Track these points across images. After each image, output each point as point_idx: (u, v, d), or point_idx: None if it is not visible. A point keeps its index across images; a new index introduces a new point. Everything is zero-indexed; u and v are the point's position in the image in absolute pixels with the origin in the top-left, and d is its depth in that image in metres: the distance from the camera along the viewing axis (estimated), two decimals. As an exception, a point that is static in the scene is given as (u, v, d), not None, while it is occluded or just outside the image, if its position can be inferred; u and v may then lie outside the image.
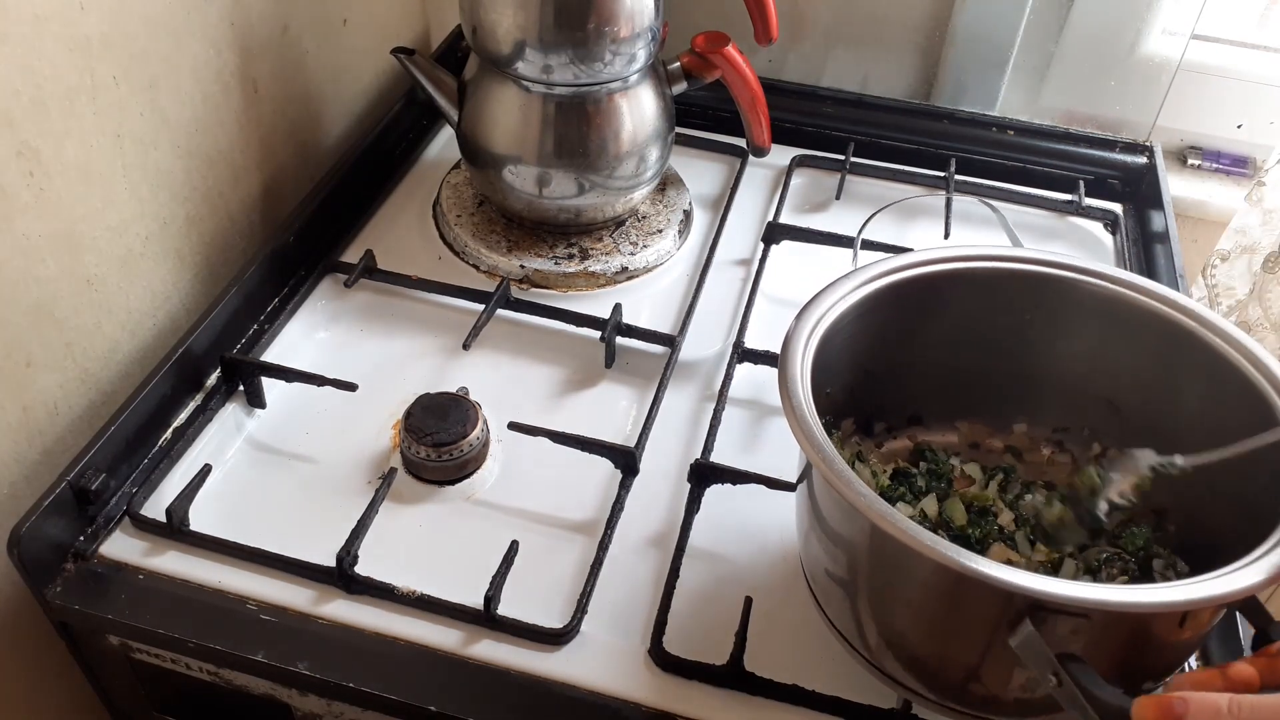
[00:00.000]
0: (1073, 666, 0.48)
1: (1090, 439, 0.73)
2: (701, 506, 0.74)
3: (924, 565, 0.52)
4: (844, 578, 0.60)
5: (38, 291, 0.70)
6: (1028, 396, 0.73)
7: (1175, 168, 1.18)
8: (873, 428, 0.75)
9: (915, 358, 0.71)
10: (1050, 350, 0.70)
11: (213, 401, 0.80)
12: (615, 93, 0.89)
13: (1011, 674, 0.54)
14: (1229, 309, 1.10)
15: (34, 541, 0.66)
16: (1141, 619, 0.52)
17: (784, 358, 0.61)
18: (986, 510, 0.70)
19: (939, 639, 0.57)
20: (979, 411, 0.75)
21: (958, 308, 0.69)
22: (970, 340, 0.71)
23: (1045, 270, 0.68)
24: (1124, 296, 0.67)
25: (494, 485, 0.77)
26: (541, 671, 0.65)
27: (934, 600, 0.55)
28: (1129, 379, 0.69)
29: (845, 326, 0.65)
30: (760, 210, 1.05)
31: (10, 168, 0.66)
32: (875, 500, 0.52)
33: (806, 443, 0.56)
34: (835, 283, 0.66)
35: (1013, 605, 0.50)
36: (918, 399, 0.75)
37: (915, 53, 1.14)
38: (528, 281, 0.93)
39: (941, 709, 0.59)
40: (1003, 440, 0.75)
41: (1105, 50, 1.10)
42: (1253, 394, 0.60)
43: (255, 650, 0.66)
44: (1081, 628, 0.50)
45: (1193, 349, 0.64)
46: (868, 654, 0.60)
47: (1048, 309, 0.69)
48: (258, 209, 0.94)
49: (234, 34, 0.85)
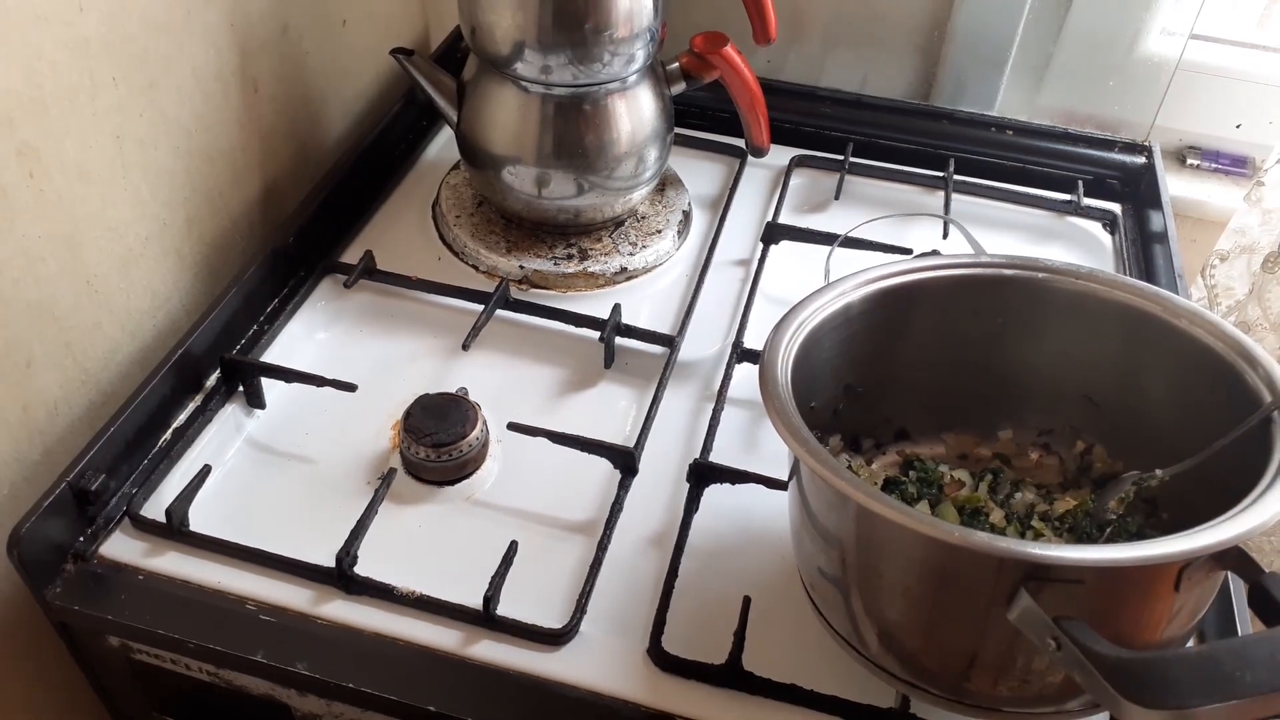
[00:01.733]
0: (1069, 626, 0.48)
1: (1073, 436, 0.74)
2: (700, 506, 0.74)
3: (916, 543, 0.53)
4: (837, 574, 0.60)
5: (38, 291, 0.70)
6: (1009, 402, 0.74)
7: (1174, 168, 1.18)
8: (860, 444, 0.75)
9: (895, 372, 0.72)
10: (1024, 353, 0.71)
11: (212, 402, 0.80)
12: (614, 93, 0.89)
13: (1009, 657, 0.54)
14: (1228, 309, 1.10)
15: (34, 542, 0.66)
16: (1137, 580, 0.52)
17: (765, 357, 0.61)
18: (978, 511, 0.70)
19: (935, 625, 0.57)
20: (964, 421, 0.75)
21: (928, 318, 0.70)
22: (946, 350, 0.72)
23: (1008, 272, 0.69)
24: (1088, 289, 0.68)
25: (493, 486, 0.77)
26: (541, 672, 0.65)
27: (928, 582, 0.55)
28: (1102, 372, 0.70)
29: (824, 338, 0.66)
30: (759, 210, 1.05)
31: (10, 168, 0.66)
32: (860, 484, 0.53)
33: (784, 428, 0.56)
34: (809, 297, 0.66)
35: (1008, 575, 0.50)
36: (903, 414, 0.75)
37: (914, 53, 1.14)
38: (527, 282, 0.93)
39: (941, 701, 0.59)
40: (990, 449, 0.75)
41: (1104, 50, 1.10)
42: (1225, 370, 0.61)
43: (255, 650, 0.66)
44: (1077, 593, 0.50)
45: (1160, 334, 0.65)
46: (865, 652, 0.61)
47: (1015, 311, 0.70)
48: (257, 209, 0.94)
49: (234, 35, 0.85)
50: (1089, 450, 0.73)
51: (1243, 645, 0.47)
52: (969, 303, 0.70)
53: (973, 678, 0.57)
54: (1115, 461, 0.72)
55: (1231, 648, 0.47)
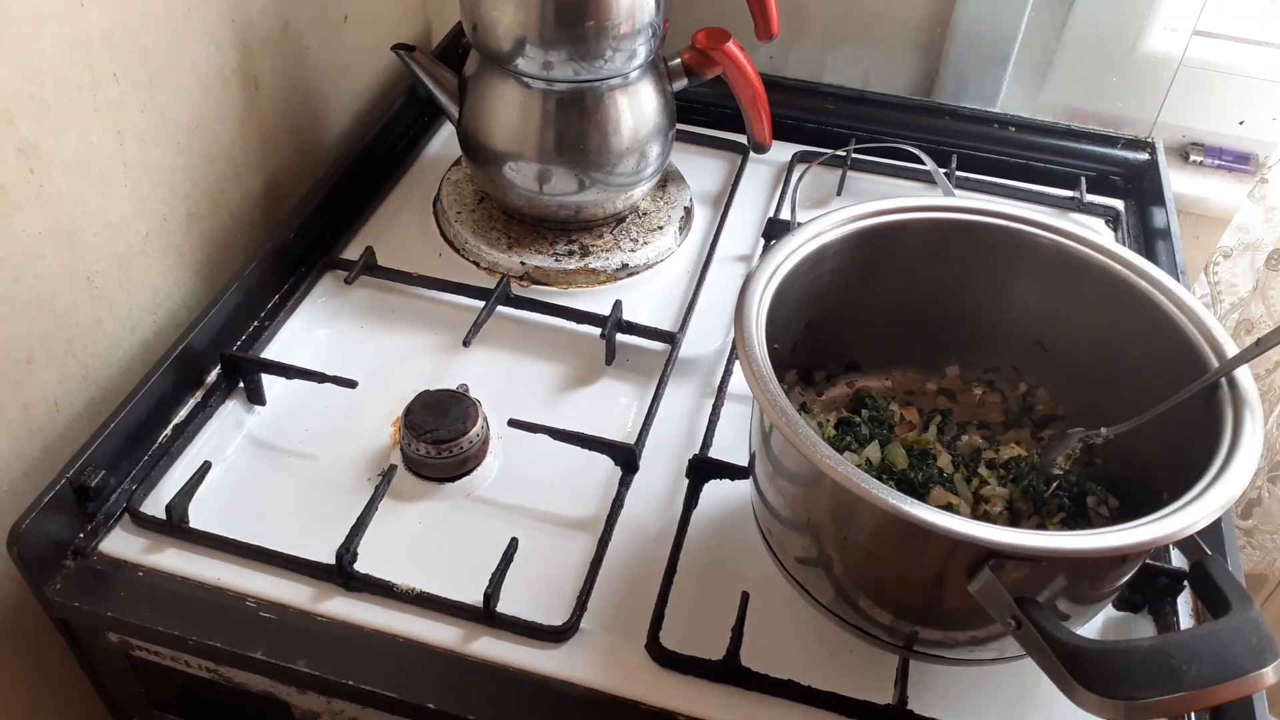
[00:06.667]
0: (1030, 609, 0.51)
1: (1016, 377, 0.76)
2: (700, 502, 0.74)
3: (892, 524, 0.54)
4: (815, 555, 0.62)
5: (38, 288, 0.70)
6: (961, 340, 0.77)
7: (1177, 164, 1.17)
8: (813, 377, 0.77)
9: (856, 309, 0.74)
10: (983, 297, 0.74)
11: (213, 398, 0.80)
12: (616, 89, 0.88)
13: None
14: (1231, 306, 1.10)
15: (34, 538, 0.66)
16: (1095, 560, 0.55)
17: (741, 311, 0.62)
18: (926, 453, 0.72)
19: (910, 588, 0.59)
20: (915, 356, 0.78)
21: (899, 259, 0.72)
22: (910, 290, 0.74)
23: (985, 220, 0.71)
24: (1057, 244, 0.70)
25: (494, 482, 0.77)
26: (541, 668, 0.65)
27: (901, 553, 0.58)
28: (1057, 322, 0.73)
29: (795, 280, 0.67)
30: (761, 207, 1.04)
31: (10, 165, 0.66)
32: (854, 472, 0.54)
33: (767, 404, 0.58)
34: (788, 237, 0.68)
35: (973, 554, 0.53)
36: (856, 346, 0.77)
37: (916, 49, 1.14)
38: (528, 278, 0.93)
39: (939, 649, 0.62)
40: (936, 383, 0.78)
41: (1107, 46, 1.10)
42: (1177, 335, 0.64)
43: (255, 648, 0.66)
44: (1036, 570, 0.53)
45: (1121, 294, 0.67)
46: (856, 619, 0.62)
47: (983, 257, 0.72)
48: (258, 206, 0.94)
49: (234, 31, 0.85)
50: (1032, 391, 0.76)
51: (1191, 639, 0.50)
52: (942, 247, 0.72)
53: (955, 628, 0.60)
54: (1057, 404, 0.75)
55: (1180, 641, 0.50)
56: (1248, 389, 0.59)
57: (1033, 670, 0.53)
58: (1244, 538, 1.11)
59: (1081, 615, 0.60)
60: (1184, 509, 0.53)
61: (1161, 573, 0.68)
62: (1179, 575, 0.69)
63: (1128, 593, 0.69)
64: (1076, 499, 0.70)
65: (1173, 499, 0.54)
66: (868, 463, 0.72)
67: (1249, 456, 0.55)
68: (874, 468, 0.71)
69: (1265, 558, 1.11)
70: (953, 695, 0.65)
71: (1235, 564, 0.71)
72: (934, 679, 0.66)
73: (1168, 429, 0.63)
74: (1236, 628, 0.50)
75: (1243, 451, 0.56)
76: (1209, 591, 0.56)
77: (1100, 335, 0.70)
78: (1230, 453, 0.56)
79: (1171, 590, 0.69)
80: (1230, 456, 0.56)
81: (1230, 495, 0.53)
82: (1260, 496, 1.09)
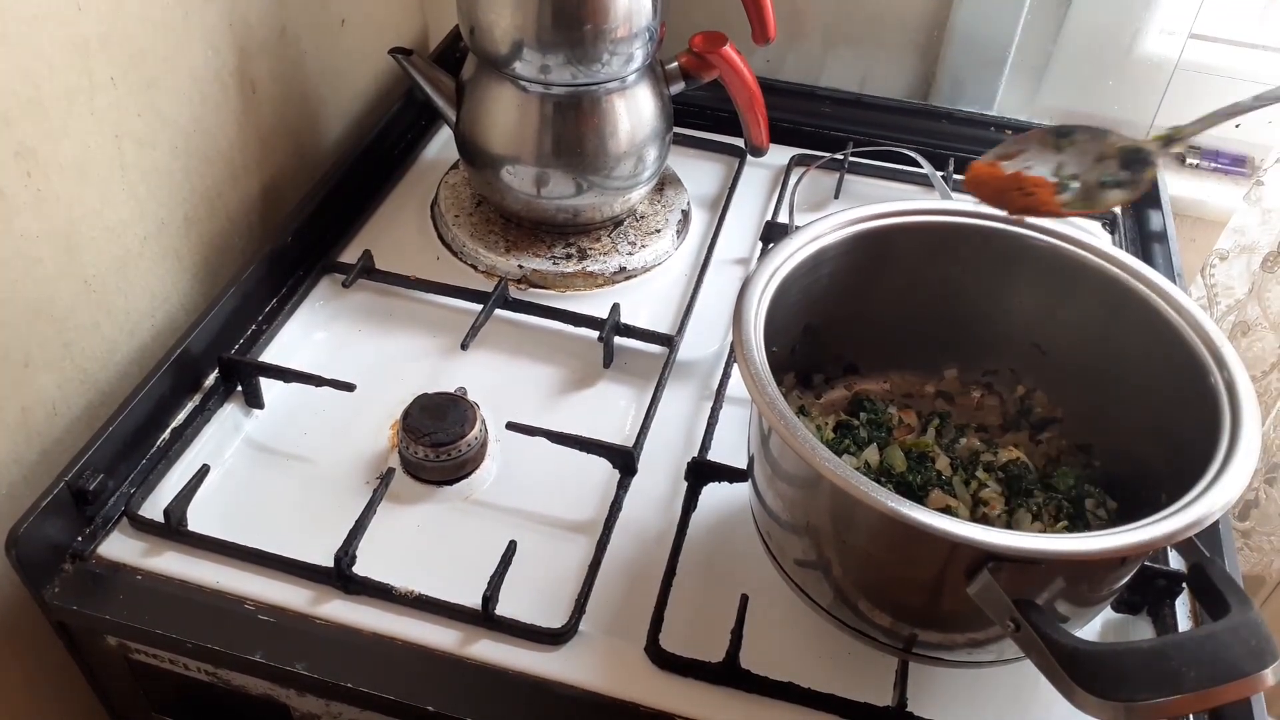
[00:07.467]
0: (1029, 612, 0.51)
1: (1014, 380, 0.76)
2: (699, 505, 0.74)
3: (890, 527, 0.54)
4: (814, 557, 0.62)
5: (35, 292, 0.70)
6: (959, 343, 0.77)
7: (1173, 167, 1.18)
8: (811, 380, 0.77)
9: (857, 310, 0.74)
10: (983, 300, 0.74)
11: (211, 402, 0.80)
12: (613, 93, 0.89)
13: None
14: (1228, 308, 1.10)
15: (32, 542, 0.66)
16: (1094, 562, 0.55)
17: (740, 314, 0.62)
18: (925, 456, 0.72)
19: (909, 590, 0.59)
20: (913, 359, 0.78)
21: (899, 262, 0.72)
22: (910, 292, 0.74)
23: (985, 224, 0.71)
24: (1057, 248, 0.70)
25: (492, 485, 0.77)
26: (540, 671, 0.65)
27: (900, 556, 0.58)
28: (1056, 326, 0.73)
29: (794, 283, 0.67)
30: (759, 210, 1.05)
31: (8, 168, 0.66)
32: (853, 475, 0.54)
33: (765, 407, 0.58)
34: (786, 240, 0.68)
35: (972, 556, 0.53)
36: (854, 349, 0.77)
37: (913, 52, 1.14)
38: (526, 281, 0.93)
39: (939, 651, 0.61)
40: (934, 385, 0.78)
41: (1103, 49, 1.10)
42: (1176, 340, 0.64)
43: (253, 650, 0.66)
44: (1034, 572, 0.53)
45: (1120, 299, 0.68)
46: (855, 621, 0.62)
47: (984, 261, 0.72)
48: (256, 209, 0.94)
49: (232, 35, 0.85)
50: (1030, 394, 0.76)
51: (1189, 641, 0.50)
52: (940, 250, 0.72)
53: (953, 629, 0.60)
54: (1055, 407, 0.75)
55: (1179, 643, 0.50)
56: (1246, 392, 0.59)
57: (1032, 672, 0.53)
58: (1241, 539, 1.11)
59: (1080, 617, 0.60)
60: (1182, 511, 0.53)
61: (1160, 575, 0.69)
62: (1177, 577, 0.69)
63: (1126, 595, 0.69)
64: (1075, 503, 0.70)
65: (1171, 501, 0.54)
66: (866, 465, 0.72)
67: (1247, 459, 0.55)
68: (872, 470, 0.71)
69: (1263, 559, 1.11)
70: (952, 697, 0.65)
71: (1233, 566, 0.71)
72: (933, 681, 0.66)
73: (1166, 431, 0.63)
74: (1235, 630, 0.50)
75: (1240, 454, 0.56)
76: (1207, 593, 0.56)
77: (1098, 338, 0.70)
78: (1228, 455, 0.56)
79: (1170, 592, 0.69)
80: (1228, 459, 0.56)
81: (1229, 497, 0.54)
82: (1258, 498, 1.09)
